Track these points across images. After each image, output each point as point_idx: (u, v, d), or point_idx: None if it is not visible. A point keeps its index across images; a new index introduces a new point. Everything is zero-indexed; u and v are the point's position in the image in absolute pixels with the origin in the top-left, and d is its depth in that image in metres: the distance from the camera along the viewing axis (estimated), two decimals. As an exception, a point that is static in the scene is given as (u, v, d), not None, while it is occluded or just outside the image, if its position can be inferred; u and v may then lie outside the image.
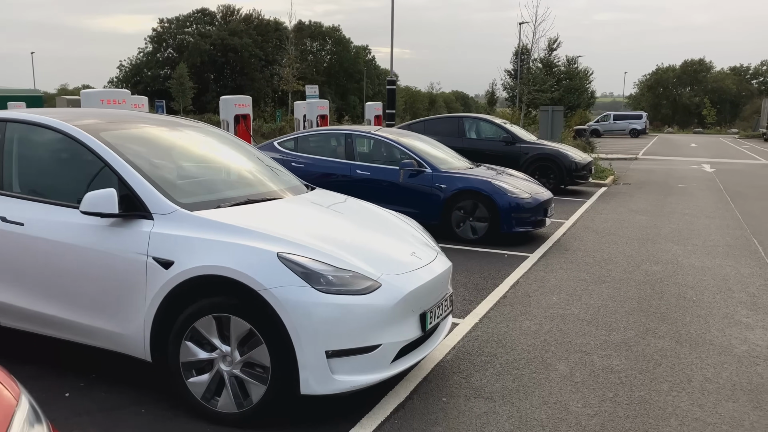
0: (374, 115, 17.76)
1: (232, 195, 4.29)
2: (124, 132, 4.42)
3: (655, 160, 25.72)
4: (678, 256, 8.34)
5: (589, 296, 6.45)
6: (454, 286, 6.63)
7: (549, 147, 14.41)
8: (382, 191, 9.20)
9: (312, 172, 9.59)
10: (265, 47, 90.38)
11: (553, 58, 42.83)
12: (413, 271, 3.97)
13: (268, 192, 4.55)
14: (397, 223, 4.76)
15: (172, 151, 4.63)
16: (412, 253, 4.18)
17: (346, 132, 9.75)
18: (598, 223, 10.73)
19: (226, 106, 11.31)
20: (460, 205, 8.85)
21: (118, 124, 4.53)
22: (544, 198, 9.10)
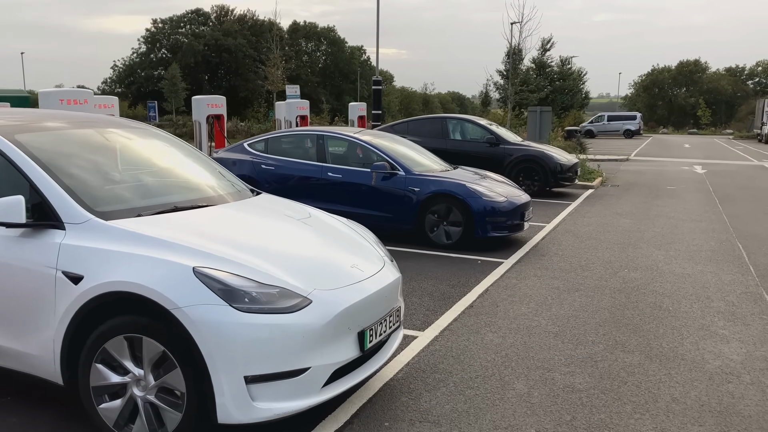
0: (358, 116, 17.42)
1: (159, 202, 3.97)
2: (44, 134, 4.09)
3: (646, 162, 25.45)
4: (658, 261, 8.04)
5: (559, 306, 6.14)
6: (420, 295, 6.33)
7: (533, 148, 14.11)
8: (354, 195, 8.89)
9: (282, 174, 9.29)
10: (260, 48, 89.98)
11: (546, 59, 42.69)
12: (352, 284, 3.65)
13: (201, 198, 4.22)
14: (343, 232, 4.44)
15: (101, 154, 4.30)
16: (353, 264, 3.87)
17: (318, 133, 9.43)
18: (580, 227, 10.42)
19: (198, 106, 10.98)
20: (433, 209, 8.53)
21: (39, 125, 4.21)
22: (521, 201, 8.79)
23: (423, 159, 9.65)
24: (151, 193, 4.19)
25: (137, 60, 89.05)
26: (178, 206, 3.93)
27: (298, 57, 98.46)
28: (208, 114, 10.96)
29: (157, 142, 4.82)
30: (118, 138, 4.57)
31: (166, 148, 4.82)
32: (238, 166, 9.59)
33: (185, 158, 4.81)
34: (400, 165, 8.79)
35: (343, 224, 4.60)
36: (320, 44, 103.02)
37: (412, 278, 7.01)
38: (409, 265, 7.60)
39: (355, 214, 8.77)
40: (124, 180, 4.16)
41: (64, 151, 4.00)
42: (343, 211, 8.96)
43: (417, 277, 7.09)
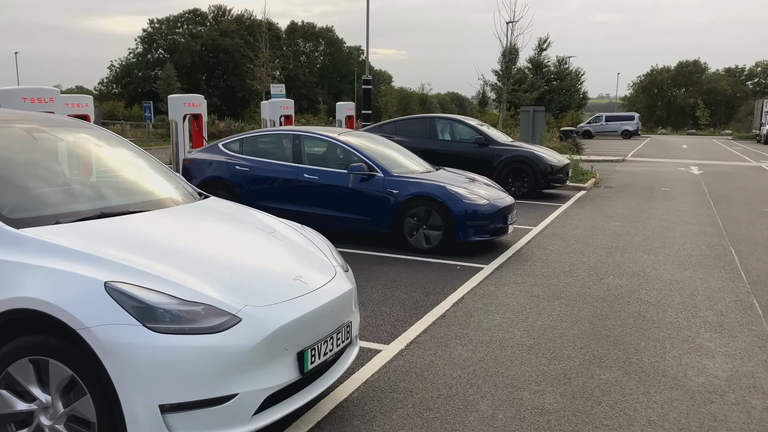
0: (346, 116, 17.05)
1: (85, 208, 3.62)
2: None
3: (642, 162, 25.11)
4: (646, 267, 7.70)
5: (537, 315, 5.80)
6: (392, 304, 5.99)
7: (523, 149, 13.76)
8: (330, 197, 8.55)
9: (257, 176, 8.96)
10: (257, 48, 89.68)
11: (542, 58, 42.35)
12: (292, 299, 3.32)
13: (134, 204, 3.88)
14: (292, 240, 4.09)
15: (27, 155, 3.95)
16: (297, 276, 3.53)
17: (294, 133, 9.09)
18: (568, 230, 10.08)
19: (174, 106, 10.63)
20: (412, 212, 8.19)
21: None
22: (504, 204, 8.44)
23: (404, 160, 9.31)
24: (78, 198, 3.84)
25: (134, 60, 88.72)
26: (104, 212, 3.58)
27: (296, 57, 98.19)
28: (185, 113, 10.63)
29: (98, 142, 4.47)
30: (54, 138, 4.23)
31: (107, 149, 4.48)
32: (212, 167, 9.26)
33: (127, 160, 4.47)
34: (378, 166, 8.44)
35: (293, 231, 4.26)
36: (318, 44, 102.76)
37: (385, 286, 6.67)
38: (384, 271, 7.27)
39: (332, 217, 8.47)
40: (50, 183, 3.82)
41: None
42: (319, 215, 8.66)
43: (391, 284, 6.75)
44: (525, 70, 40.40)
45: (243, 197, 8.98)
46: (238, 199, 8.90)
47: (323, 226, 8.78)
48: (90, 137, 4.52)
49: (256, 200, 8.91)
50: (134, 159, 4.51)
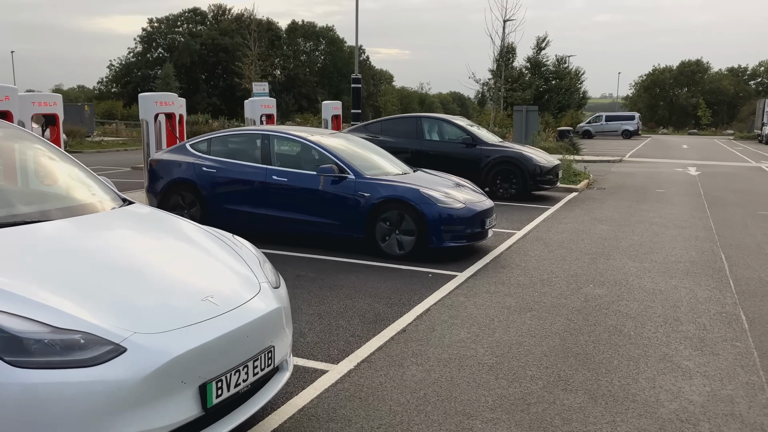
0: (332, 115, 16.62)
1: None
2: None
3: (640, 163, 24.66)
4: (629, 275, 7.28)
5: (505, 330, 5.39)
6: (350, 317, 5.59)
7: (511, 150, 13.35)
8: (300, 200, 8.15)
9: (224, 177, 8.56)
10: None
11: (541, 57, 41.90)
12: (196, 324, 2.91)
13: (28, 213, 3.47)
14: (211, 253, 3.68)
15: None
16: (207, 296, 3.12)
17: (264, 132, 8.69)
18: (553, 234, 9.66)
19: (145, 104, 10.24)
20: (384, 216, 7.78)
21: None
22: (482, 208, 8.03)
23: (380, 161, 8.91)
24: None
25: (133, 60, 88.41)
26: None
27: (296, 57, 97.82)
28: (157, 112, 10.23)
29: (8, 144, 4.07)
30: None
31: (18, 151, 4.07)
32: (179, 169, 8.87)
33: (41, 162, 4.06)
34: (350, 168, 8.04)
35: (217, 242, 3.84)
36: (319, 44, 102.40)
37: (348, 296, 6.26)
38: (351, 279, 6.86)
39: (302, 221, 8.08)
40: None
41: None
42: (289, 219, 8.26)
43: (354, 294, 6.34)
44: (523, 70, 40.01)
45: (210, 200, 8.60)
46: (205, 202, 8.52)
47: (293, 231, 8.41)
48: (8, 140, 4.12)
49: (223, 203, 8.53)
50: (49, 162, 4.11)
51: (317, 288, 6.51)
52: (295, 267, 7.33)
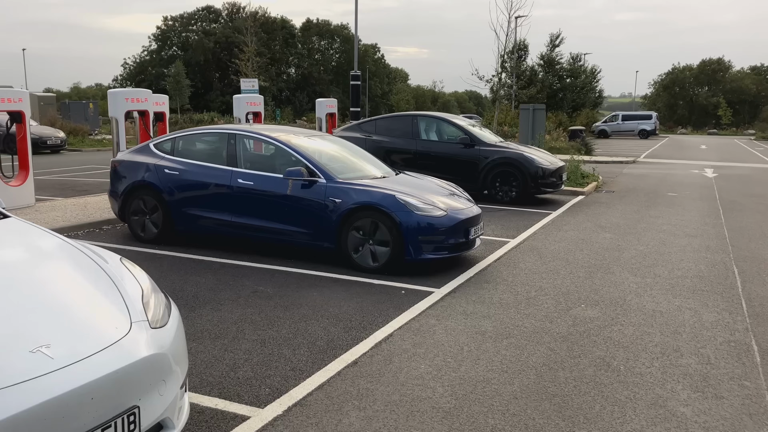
0: (327, 113, 15.86)
1: None
2: None
3: (654, 164, 23.70)
4: (628, 293, 6.49)
5: (474, 363, 4.63)
6: (297, 345, 4.85)
7: (511, 150, 12.54)
8: (266, 206, 7.44)
9: (186, 181, 7.88)
10: (271, 45, 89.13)
11: (555, 55, 40.90)
12: (13, 386, 2.20)
13: None
14: (70, 280, 2.96)
15: None
16: (40, 345, 2.41)
17: (229, 131, 7.98)
18: (550, 244, 8.87)
19: (114, 101, 9.60)
20: (357, 224, 7.05)
21: None
22: (466, 216, 7.26)
23: (359, 164, 8.18)
24: None
25: (147, 57, 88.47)
26: None
27: (310, 55, 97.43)
28: (129, 109, 9.60)
29: None
30: None
31: None
32: (140, 171, 8.20)
33: None
34: (320, 170, 7.31)
35: (83, 265, 3.12)
36: (333, 42, 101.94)
37: (303, 317, 5.54)
38: (313, 297, 6.13)
39: (269, 229, 7.39)
40: None
41: None
42: (255, 226, 7.54)
43: (312, 315, 5.61)
44: (536, 67, 39.05)
45: (173, 205, 7.92)
46: (167, 207, 7.86)
47: (260, 239, 7.70)
48: None
49: (186, 208, 7.85)
50: None
51: (271, 307, 5.79)
52: (254, 281, 6.63)
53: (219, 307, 5.75)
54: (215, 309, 5.70)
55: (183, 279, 6.65)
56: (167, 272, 6.91)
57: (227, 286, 6.44)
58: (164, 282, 6.51)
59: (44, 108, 31.81)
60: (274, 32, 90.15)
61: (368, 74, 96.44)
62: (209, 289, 6.29)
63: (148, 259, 7.44)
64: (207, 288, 6.34)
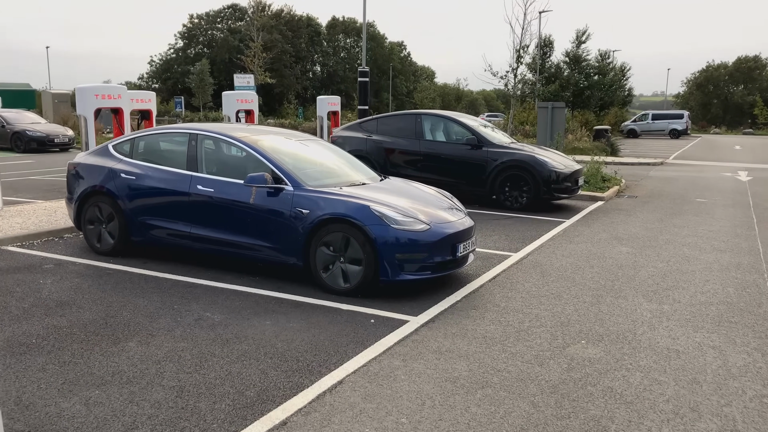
0: (329, 111, 14.93)
1: None
2: None
3: (683, 166, 22.37)
4: (640, 324, 5.48)
5: (434, 426, 3.69)
6: (223, 394, 3.93)
7: (522, 152, 11.51)
8: (227, 216, 6.57)
9: (144, 186, 7.05)
10: (296, 43, 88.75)
11: (581, 51, 39.51)
12: None
13: None
14: None
15: None
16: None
17: (190, 131, 7.12)
18: (556, 259, 7.86)
19: (83, 98, 8.82)
20: (326, 239, 6.13)
21: None
22: (455, 229, 6.30)
23: (337, 168, 7.27)
24: None
25: (173, 55, 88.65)
26: None
27: (336, 53, 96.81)
28: (99, 107, 8.82)
29: None
30: None
31: None
32: (95, 175, 7.40)
33: None
34: (288, 176, 6.41)
35: None
36: (359, 40, 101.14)
37: (243, 355, 4.64)
38: (264, 326, 5.23)
39: (231, 242, 6.52)
40: None
41: None
42: (215, 239, 6.64)
43: (254, 352, 4.71)
44: (561, 64, 37.69)
45: (129, 213, 7.10)
46: (123, 215, 7.04)
47: (222, 253, 6.83)
48: None
49: (143, 217, 7.03)
50: None
51: (209, 341, 4.91)
52: (204, 304, 5.75)
53: (149, 340, 4.88)
54: (143, 342, 4.83)
55: (123, 301, 5.81)
56: (110, 292, 6.07)
57: (170, 311, 5.57)
58: (100, 305, 5.67)
59: (58, 105, 31.48)
60: (299, 30, 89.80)
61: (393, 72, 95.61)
62: (147, 316, 5.43)
63: (96, 276, 6.62)
64: (145, 314, 5.48)
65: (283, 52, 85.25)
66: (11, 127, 23.76)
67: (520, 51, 16.39)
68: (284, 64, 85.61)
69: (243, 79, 15.82)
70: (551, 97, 23.33)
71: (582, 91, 35.83)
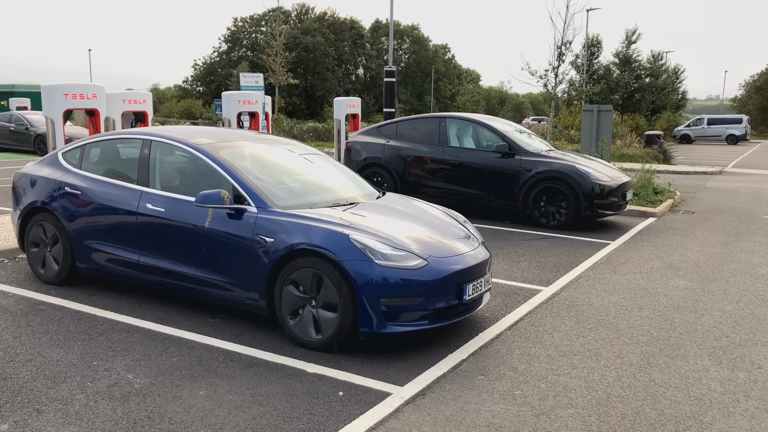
0: (348, 114, 13.59)
1: None
2: None
3: (744, 175, 20.35)
4: (707, 406, 3.98)
5: None
6: None
7: (560, 161, 9.97)
8: (179, 242, 5.29)
9: (89, 204, 5.85)
10: (339, 46, 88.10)
11: (631, 52, 37.42)
12: None
13: None
14: None
15: None
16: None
17: (144, 137, 5.86)
18: (597, 296, 6.35)
19: (49, 97, 7.72)
20: (295, 276, 4.79)
21: None
22: (463, 265, 4.89)
23: (322, 183, 5.95)
24: None
25: (217, 58, 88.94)
26: None
27: (379, 56, 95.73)
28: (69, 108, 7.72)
29: None
30: None
31: None
32: (39, 188, 6.23)
33: None
34: (251, 194, 5.10)
35: None
36: (403, 42, 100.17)
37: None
38: (196, 397, 3.91)
39: (183, 275, 5.23)
40: None
41: None
42: (166, 270, 5.35)
43: (162, 443, 3.39)
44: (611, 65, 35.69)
45: (74, 236, 5.90)
46: (68, 239, 5.85)
47: (174, 289, 5.55)
48: None
49: (89, 241, 5.82)
50: None
51: (110, 423, 3.61)
52: (133, 359, 4.48)
53: (27, 421, 3.61)
54: (18, 425, 3.57)
55: (33, 353, 4.57)
56: (26, 338, 4.85)
57: (85, 369, 4.31)
58: (4, 358, 4.45)
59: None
60: (342, 33, 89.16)
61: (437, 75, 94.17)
62: (50, 378, 4.18)
63: (23, 313, 5.42)
64: (50, 374, 4.23)
65: (325, 55, 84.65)
66: (34, 129, 23.19)
67: (561, 48, 14.87)
68: (326, 67, 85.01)
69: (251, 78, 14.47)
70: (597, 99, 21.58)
71: (632, 94, 33.77)
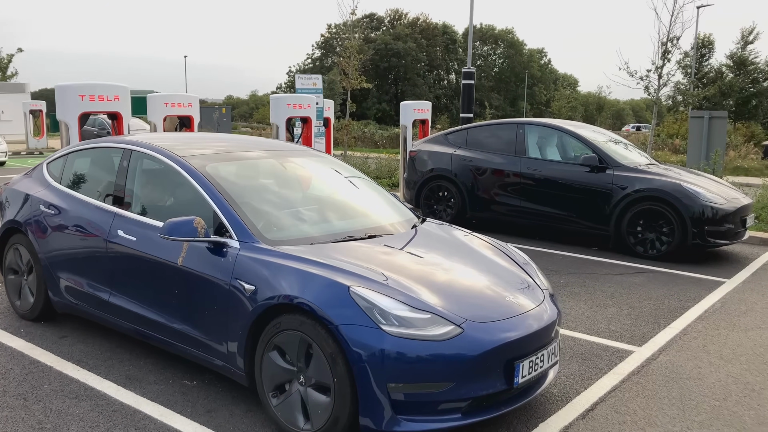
0: (414, 119, 12.18)
1: None
2: None
3: None
4: None
5: None
6: None
7: (662, 178, 8.21)
8: (153, 282, 4.13)
9: (62, 228, 4.82)
10: (431, 51, 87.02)
11: (748, 54, 34.06)
12: None
13: None
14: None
15: None
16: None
17: (125, 147, 4.71)
18: (710, 365, 4.71)
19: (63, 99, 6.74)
20: (278, 340, 3.50)
21: None
22: (516, 333, 3.44)
23: (345, 206, 4.64)
24: None
25: (311, 65, 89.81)
26: None
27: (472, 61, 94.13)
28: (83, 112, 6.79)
29: None
30: None
31: None
32: (17, 205, 5.27)
33: None
34: (235, 223, 3.85)
35: None
36: (497, 47, 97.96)
37: None
38: None
39: (152, 322, 4.06)
40: None
41: None
42: (135, 314, 4.14)
43: None
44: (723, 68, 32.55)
45: (46, 264, 4.87)
46: (41, 266, 4.85)
47: (150, 340, 4.38)
48: None
49: (61, 272, 4.77)
50: None
51: None
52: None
53: None
54: None
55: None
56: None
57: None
58: None
59: (165, 110, 31.58)
60: (434, 38, 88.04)
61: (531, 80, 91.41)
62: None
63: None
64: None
65: (416, 61, 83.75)
66: (103, 132, 23.33)
67: (667, 44, 12.97)
68: (417, 73, 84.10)
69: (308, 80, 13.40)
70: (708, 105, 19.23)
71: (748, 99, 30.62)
